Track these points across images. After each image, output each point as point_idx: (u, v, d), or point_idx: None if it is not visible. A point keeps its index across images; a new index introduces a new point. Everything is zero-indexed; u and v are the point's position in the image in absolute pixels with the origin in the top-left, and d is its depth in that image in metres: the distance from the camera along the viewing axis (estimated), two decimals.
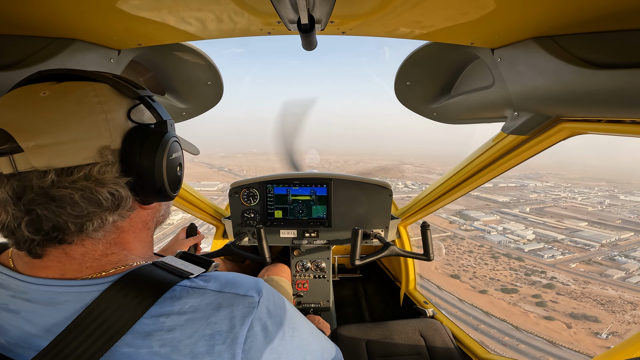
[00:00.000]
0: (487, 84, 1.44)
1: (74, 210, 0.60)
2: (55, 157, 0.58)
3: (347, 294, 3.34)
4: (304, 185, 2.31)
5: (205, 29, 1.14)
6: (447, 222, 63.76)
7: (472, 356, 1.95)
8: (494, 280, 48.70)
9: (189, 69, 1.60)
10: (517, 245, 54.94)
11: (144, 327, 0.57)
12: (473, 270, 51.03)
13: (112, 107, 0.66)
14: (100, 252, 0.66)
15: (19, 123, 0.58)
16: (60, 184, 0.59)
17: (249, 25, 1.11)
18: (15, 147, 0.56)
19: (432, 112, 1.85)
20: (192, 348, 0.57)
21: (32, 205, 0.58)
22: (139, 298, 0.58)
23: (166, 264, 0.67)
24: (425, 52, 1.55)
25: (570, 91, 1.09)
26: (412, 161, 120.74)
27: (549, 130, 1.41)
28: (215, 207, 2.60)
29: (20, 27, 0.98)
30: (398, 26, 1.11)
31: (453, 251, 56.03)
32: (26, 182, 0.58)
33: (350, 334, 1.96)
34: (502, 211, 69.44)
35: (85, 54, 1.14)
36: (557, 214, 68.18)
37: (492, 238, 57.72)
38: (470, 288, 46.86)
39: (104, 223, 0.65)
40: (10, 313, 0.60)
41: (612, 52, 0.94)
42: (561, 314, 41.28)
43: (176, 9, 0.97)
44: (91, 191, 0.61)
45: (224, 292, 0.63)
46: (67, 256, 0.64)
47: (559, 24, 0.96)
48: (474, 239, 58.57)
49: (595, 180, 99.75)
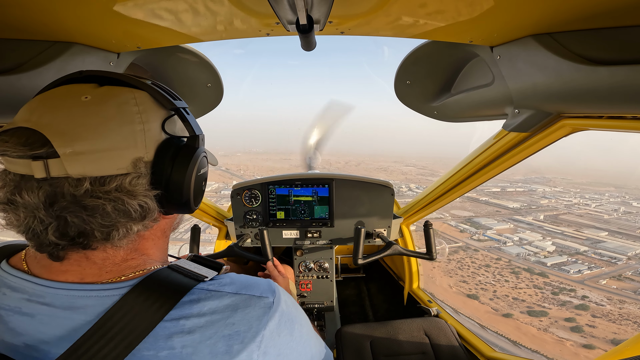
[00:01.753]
0: (487, 82, 1.44)
1: (104, 220, 0.60)
2: (90, 166, 0.58)
3: (350, 294, 3.34)
4: (305, 186, 2.31)
5: (204, 31, 1.14)
6: (457, 230, 59.56)
7: (477, 354, 1.94)
8: (518, 301, 42.77)
9: (189, 71, 1.60)
10: (537, 259, 49.52)
11: (165, 330, 0.58)
12: (493, 288, 44.80)
13: (150, 117, 0.66)
14: (121, 258, 0.67)
15: (58, 127, 0.57)
16: (94, 194, 0.59)
17: (247, 26, 1.11)
18: (52, 152, 0.56)
19: (433, 111, 1.85)
20: (212, 349, 0.58)
21: (63, 212, 0.58)
22: (159, 302, 0.59)
23: (181, 267, 0.68)
24: (424, 51, 1.55)
25: (571, 88, 1.08)
26: (414, 163, 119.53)
27: (550, 127, 1.41)
28: (217, 208, 2.61)
29: (19, 31, 0.99)
30: (397, 25, 1.11)
31: (467, 266, 49.85)
32: (57, 188, 0.57)
33: (354, 333, 1.96)
34: (515, 219, 65.20)
35: (84, 57, 1.14)
36: (573, 222, 63.94)
37: (510, 250, 52.23)
38: (492, 311, 40.76)
39: (128, 232, 0.65)
40: (24, 316, 0.60)
41: (611, 49, 0.94)
42: (602, 340, 35.40)
43: (175, 11, 0.97)
44: (122, 202, 0.61)
45: (240, 294, 0.65)
46: (88, 261, 0.64)
47: (558, 21, 0.96)
48: (489, 251, 52.79)
49: (603, 185, 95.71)
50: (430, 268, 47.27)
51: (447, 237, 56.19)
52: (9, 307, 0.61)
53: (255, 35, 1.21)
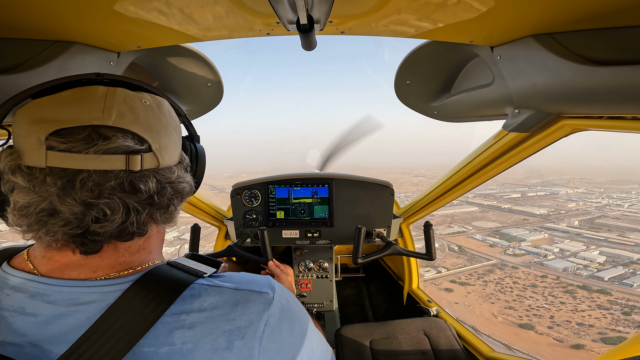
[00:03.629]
0: (487, 82, 1.44)
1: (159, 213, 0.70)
2: (167, 158, 0.69)
3: (350, 294, 3.34)
4: (305, 186, 2.31)
5: (204, 31, 1.14)
6: (486, 245, 50.30)
7: (477, 355, 1.94)
8: (584, 327, 34.32)
9: (189, 70, 1.60)
10: (590, 272, 41.36)
11: (166, 326, 0.58)
12: (548, 313, 36.16)
13: (177, 121, 0.78)
14: (129, 255, 0.68)
15: (143, 126, 0.65)
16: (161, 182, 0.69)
17: (248, 26, 1.11)
18: (147, 147, 0.65)
19: (433, 111, 1.85)
20: (213, 344, 0.59)
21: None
22: (160, 297, 0.60)
23: (180, 264, 0.70)
24: (424, 51, 1.55)
25: (571, 88, 1.08)
26: (423, 173, 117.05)
27: (550, 127, 1.41)
28: (217, 208, 2.61)
29: (20, 30, 0.99)
30: (397, 25, 1.11)
31: (509, 287, 40.91)
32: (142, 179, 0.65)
33: (354, 333, 1.96)
34: (547, 227, 56.75)
35: (84, 56, 1.14)
36: (613, 227, 55.03)
37: (554, 264, 44.33)
38: (556, 342, 32.20)
39: (150, 228, 0.71)
40: (28, 316, 0.60)
41: (612, 49, 0.94)
42: None
43: (175, 10, 0.97)
44: (178, 184, 0.73)
45: (240, 290, 0.66)
46: (99, 257, 0.66)
47: (558, 21, 0.96)
48: (529, 267, 44.29)
49: (625, 183, 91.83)
50: (465, 294, 40.37)
51: (477, 254, 47.78)
52: (12, 308, 0.61)
53: (255, 35, 1.21)
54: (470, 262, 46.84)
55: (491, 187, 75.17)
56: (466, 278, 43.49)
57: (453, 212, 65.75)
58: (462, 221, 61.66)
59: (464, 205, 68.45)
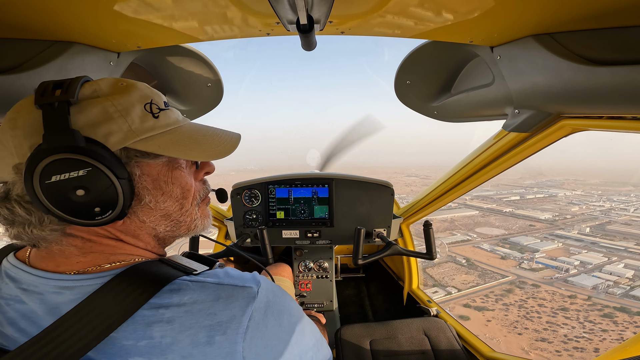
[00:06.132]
0: (487, 82, 1.44)
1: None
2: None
3: (350, 294, 3.34)
4: (305, 186, 2.31)
5: (204, 31, 1.14)
6: (497, 257, 45.11)
7: (477, 355, 1.94)
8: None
9: (189, 70, 1.60)
10: (623, 291, 36.37)
11: (144, 319, 0.58)
12: (591, 345, 29.38)
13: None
14: (112, 248, 0.69)
15: None
16: None
17: (247, 26, 1.11)
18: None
19: (433, 111, 1.85)
20: (193, 339, 0.58)
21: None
22: (140, 289, 0.60)
23: (171, 260, 0.70)
24: (424, 51, 1.55)
25: (571, 88, 1.08)
26: (415, 172, 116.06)
27: (550, 128, 1.41)
28: (217, 208, 2.61)
29: (19, 30, 0.99)
30: (397, 25, 1.11)
31: (536, 312, 34.86)
32: None
33: (354, 333, 1.96)
34: (558, 235, 53.48)
35: (84, 57, 1.14)
36: (628, 234, 51.42)
37: (580, 281, 39.18)
38: None
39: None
40: (22, 305, 0.62)
41: (612, 49, 0.94)
42: None
43: (175, 11, 0.97)
44: None
45: (222, 285, 0.65)
46: (80, 249, 0.67)
47: (558, 21, 0.96)
48: (551, 284, 38.35)
49: (620, 185, 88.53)
50: (484, 323, 34.38)
51: (488, 268, 42.08)
52: (9, 297, 0.63)
53: (255, 35, 1.21)
54: (482, 279, 41.19)
55: (486, 188, 73.61)
56: (482, 301, 37.57)
57: (452, 216, 63.46)
58: (464, 227, 59.10)
59: (463, 209, 66.67)
